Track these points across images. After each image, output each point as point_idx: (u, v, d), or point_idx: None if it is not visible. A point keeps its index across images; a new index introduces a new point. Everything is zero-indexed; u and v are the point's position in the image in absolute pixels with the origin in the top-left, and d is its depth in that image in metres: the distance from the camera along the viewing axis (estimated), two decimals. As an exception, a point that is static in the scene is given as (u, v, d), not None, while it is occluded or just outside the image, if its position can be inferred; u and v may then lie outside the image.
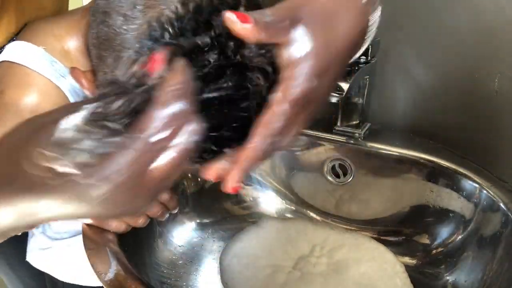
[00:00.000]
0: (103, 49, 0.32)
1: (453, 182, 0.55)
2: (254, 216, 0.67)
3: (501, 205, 0.49)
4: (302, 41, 0.28)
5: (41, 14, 0.49)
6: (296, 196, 0.68)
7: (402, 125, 0.68)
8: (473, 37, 0.57)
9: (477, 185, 0.52)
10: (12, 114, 0.42)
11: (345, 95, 0.51)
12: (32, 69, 0.43)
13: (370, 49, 0.58)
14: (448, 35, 0.59)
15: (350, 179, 0.63)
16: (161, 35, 0.29)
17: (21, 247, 0.61)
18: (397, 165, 0.59)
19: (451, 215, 0.55)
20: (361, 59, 0.59)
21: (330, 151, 0.63)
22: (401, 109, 0.67)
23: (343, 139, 0.63)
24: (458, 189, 0.54)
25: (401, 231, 0.60)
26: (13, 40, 0.46)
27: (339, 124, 0.64)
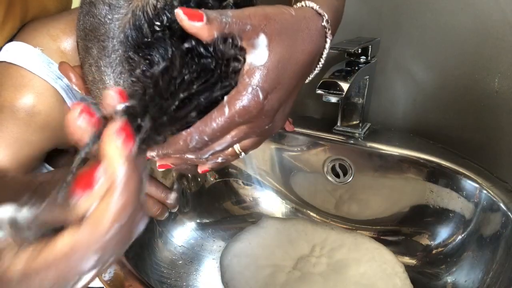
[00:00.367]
0: (89, 40, 0.31)
1: (453, 182, 0.55)
2: (254, 216, 0.67)
3: (501, 205, 0.49)
4: (261, 51, 0.28)
5: (43, 15, 0.49)
6: (296, 196, 0.68)
7: (402, 125, 0.68)
8: (473, 37, 0.57)
9: (477, 185, 0.52)
10: (8, 116, 0.42)
11: (345, 95, 0.50)
12: (28, 70, 0.43)
13: (370, 49, 0.58)
14: (448, 35, 0.59)
15: (350, 179, 0.63)
16: (145, 24, 0.28)
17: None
18: (397, 165, 0.59)
19: (451, 215, 0.55)
20: (361, 59, 0.59)
21: (330, 151, 0.63)
22: (401, 109, 0.67)
23: (343, 139, 0.63)
24: (458, 189, 0.54)
25: (401, 231, 0.60)
26: (11, 40, 0.46)
27: (339, 124, 0.64)
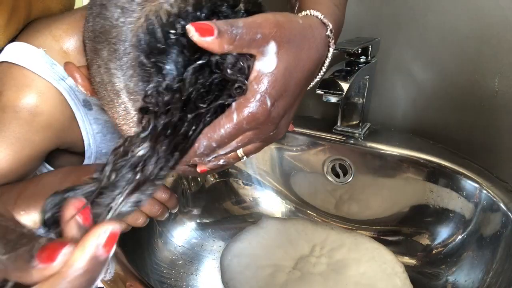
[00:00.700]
0: (98, 41, 0.31)
1: (453, 182, 0.55)
2: (254, 216, 0.67)
3: (501, 205, 0.49)
4: (270, 58, 0.28)
5: (46, 16, 0.49)
6: (296, 196, 0.68)
7: (402, 125, 0.68)
8: (473, 37, 0.57)
9: (477, 185, 0.52)
10: (10, 115, 0.42)
11: (345, 95, 0.50)
12: (31, 71, 0.43)
13: (370, 49, 0.58)
14: (448, 35, 0.59)
15: (350, 179, 0.63)
16: (158, 29, 0.28)
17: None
18: (397, 165, 0.59)
19: (451, 215, 0.55)
20: (361, 59, 0.59)
21: (330, 151, 0.63)
22: (401, 109, 0.67)
23: (343, 139, 0.62)
24: (458, 189, 0.54)
25: (401, 231, 0.60)
26: (13, 41, 0.46)
27: (339, 124, 0.64)
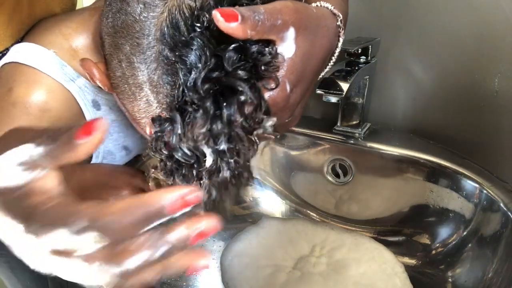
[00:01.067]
0: (120, 36, 0.32)
1: (453, 182, 0.55)
2: (254, 216, 0.67)
3: (501, 205, 0.49)
4: (289, 44, 0.29)
5: (50, 16, 0.49)
6: (296, 196, 0.68)
7: (402, 125, 0.68)
8: (473, 37, 0.57)
9: (477, 185, 0.52)
10: (20, 111, 0.41)
11: (345, 95, 0.50)
12: (41, 71, 0.43)
13: (370, 49, 0.58)
14: (448, 35, 0.59)
15: (350, 179, 0.63)
16: (182, 23, 0.28)
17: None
18: (397, 165, 0.59)
19: (451, 215, 0.55)
20: (361, 59, 0.59)
21: (330, 151, 0.63)
22: (401, 109, 0.67)
23: (343, 139, 0.62)
24: (458, 189, 0.54)
25: (401, 231, 0.60)
26: (19, 42, 0.45)
27: (339, 124, 0.64)
